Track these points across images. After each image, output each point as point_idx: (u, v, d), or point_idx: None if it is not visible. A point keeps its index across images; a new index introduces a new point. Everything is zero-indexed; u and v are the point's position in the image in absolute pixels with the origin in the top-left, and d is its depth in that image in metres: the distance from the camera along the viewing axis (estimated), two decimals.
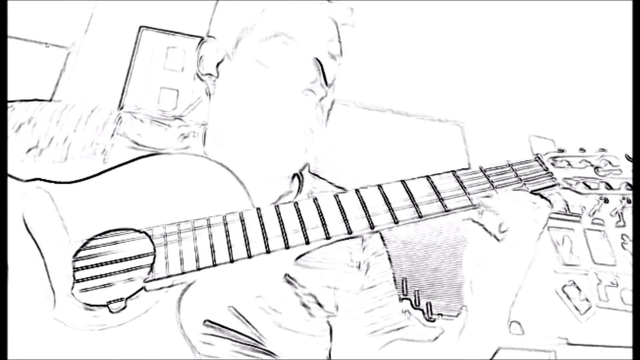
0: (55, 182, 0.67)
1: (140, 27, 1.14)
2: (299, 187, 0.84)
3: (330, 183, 0.90)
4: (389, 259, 0.86)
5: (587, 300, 1.14)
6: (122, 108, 0.85)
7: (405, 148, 1.20)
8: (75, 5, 1.12)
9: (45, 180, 0.67)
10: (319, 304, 0.76)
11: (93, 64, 1.09)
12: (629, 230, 0.77)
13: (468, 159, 1.24)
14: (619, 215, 0.74)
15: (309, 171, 0.89)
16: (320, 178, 0.90)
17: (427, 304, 1.06)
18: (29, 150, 0.72)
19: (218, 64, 0.82)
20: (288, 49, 0.77)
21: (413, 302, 1.05)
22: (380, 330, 0.79)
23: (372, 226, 0.68)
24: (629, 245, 0.75)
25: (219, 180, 0.70)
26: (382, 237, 0.87)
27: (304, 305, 0.75)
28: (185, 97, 1.11)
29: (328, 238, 0.67)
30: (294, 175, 0.85)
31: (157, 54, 1.14)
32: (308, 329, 0.75)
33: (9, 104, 0.77)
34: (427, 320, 1.04)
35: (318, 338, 0.76)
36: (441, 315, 1.06)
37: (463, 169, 0.74)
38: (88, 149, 0.74)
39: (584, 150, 0.78)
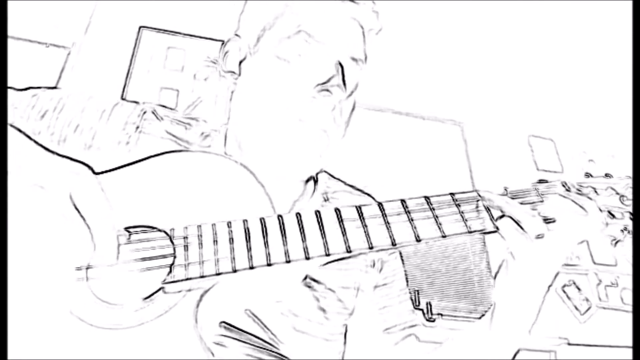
0: (82, 163, 0.66)
1: (140, 27, 1.14)
2: (314, 188, 0.84)
3: (345, 183, 0.90)
4: (401, 257, 0.86)
5: (587, 300, 1.14)
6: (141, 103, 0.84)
7: (405, 148, 1.20)
8: (75, 5, 1.12)
9: (74, 160, 0.66)
10: (339, 300, 0.76)
11: (93, 64, 1.09)
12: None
13: (468, 159, 1.24)
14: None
15: (324, 171, 0.88)
16: (335, 178, 0.89)
17: (427, 304, 1.06)
18: (52, 134, 0.72)
19: (240, 62, 0.82)
20: (309, 47, 0.75)
21: (413, 302, 1.05)
22: (394, 327, 0.79)
23: (394, 243, 0.67)
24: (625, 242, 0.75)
25: (241, 182, 0.69)
26: None
27: (321, 309, 0.75)
28: (185, 97, 1.11)
29: (349, 252, 0.66)
30: (309, 177, 0.85)
31: (157, 54, 1.14)
32: (323, 333, 0.75)
33: (34, 92, 0.76)
34: (427, 320, 1.04)
35: (332, 342, 0.76)
36: (441, 315, 1.06)
37: (487, 191, 0.73)
38: (112, 140, 0.74)
39: (611, 176, 0.76)
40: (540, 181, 0.76)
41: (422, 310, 1.04)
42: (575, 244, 0.68)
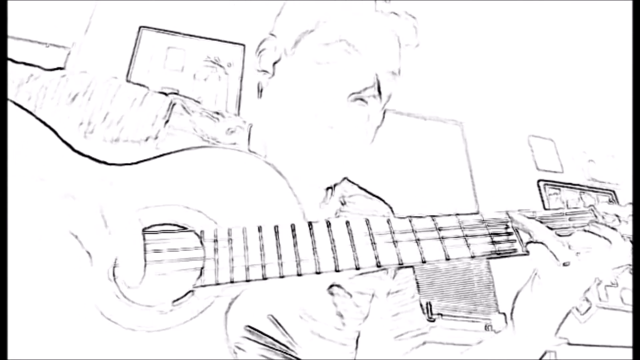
0: (105, 163, 0.66)
1: (140, 27, 1.14)
2: (332, 192, 0.83)
3: (361, 188, 0.90)
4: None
5: (587, 300, 1.14)
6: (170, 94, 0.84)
7: (405, 148, 1.20)
8: (75, 5, 1.12)
9: (95, 160, 0.66)
10: (356, 305, 0.76)
11: (93, 64, 1.09)
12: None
13: (468, 159, 1.25)
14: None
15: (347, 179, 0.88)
16: (353, 183, 0.89)
17: (427, 304, 1.06)
18: (81, 123, 0.72)
19: (275, 63, 0.82)
20: (348, 56, 0.75)
21: (424, 312, 1.05)
22: (406, 334, 0.79)
23: (423, 260, 0.67)
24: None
25: (270, 182, 0.69)
26: None
27: (339, 314, 0.75)
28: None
29: (379, 267, 0.66)
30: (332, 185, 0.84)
31: (157, 54, 1.14)
32: (339, 338, 0.75)
33: (62, 72, 0.76)
34: (427, 320, 1.04)
35: (346, 347, 0.76)
36: (441, 315, 1.06)
37: (517, 213, 0.72)
38: (141, 132, 0.74)
39: (632, 205, 0.76)
40: (572, 210, 0.76)
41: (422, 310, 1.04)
42: (600, 273, 0.68)
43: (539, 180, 1.29)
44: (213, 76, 1.17)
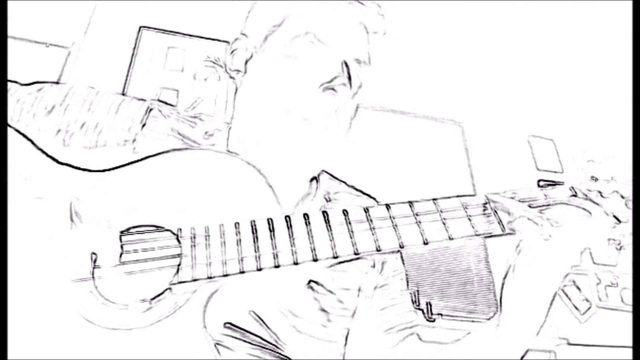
0: (84, 170, 0.66)
1: (140, 27, 1.14)
2: (316, 188, 0.84)
3: (348, 184, 0.90)
4: (402, 258, 0.86)
5: (587, 300, 1.14)
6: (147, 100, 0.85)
7: (405, 148, 1.20)
8: (75, 5, 1.12)
9: (74, 167, 0.66)
10: (340, 301, 0.76)
11: (93, 64, 1.09)
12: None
13: (468, 159, 1.24)
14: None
15: (326, 172, 0.89)
16: (336, 179, 0.90)
17: (427, 304, 1.05)
18: (58, 131, 0.72)
19: (247, 61, 0.82)
20: (315, 48, 0.77)
21: (413, 303, 1.05)
22: (394, 327, 0.79)
23: (401, 245, 0.67)
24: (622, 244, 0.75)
25: (248, 180, 0.69)
26: None
27: (323, 310, 0.75)
28: (185, 97, 1.11)
29: (357, 254, 0.66)
30: (312, 178, 0.85)
31: (157, 54, 1.14)
32: (325, 335, 0.75)
33: (39, 86, 0.77)
34: (427, 320, 1.04)
35: (334, 344, 0.76)
36: (441, 315, 1.06)
37: (496, 193, 0.72)
38: (118, 137, 0.74)
39: (615, 181, 0.76)
40: (548, 184, 0.76)
41: (422, 310, 1.04)
42: (582, 247, 0.68)
43: (538, 180, 1.29)
44: (213, 76, 1.17)
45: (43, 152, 0.65)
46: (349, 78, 0.77)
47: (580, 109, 1.35)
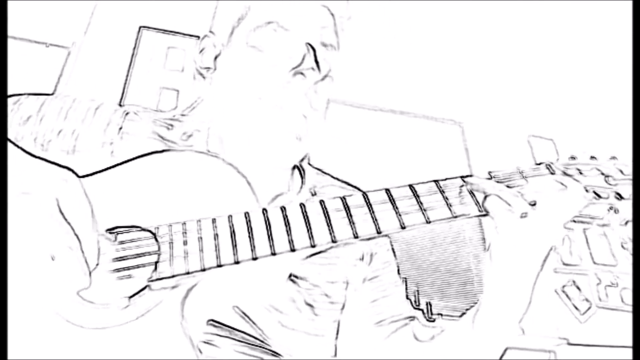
0: (68, 169, 0.66)
1: (140, 27, 1.14)
2: (302, 183, 0.84)
3: (336, 178, 0.90)
4: (393, 250, 0.86)
5: (587, 300, 1.14)
6: (123, 105, 0.86)
7: (405, 148, 1.20)
8: (75, 5, 1.12)
9: (58, 165, 0.66)
10: (325, 295, 0.76)
11: (93, 64, 1.09)
12: (629, 229, 0.76)
13: (468, 158, 1.24)
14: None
15: (312, 166, 0.89)
16: (325, 173, 0.90)
17: (427, 304, 1.06)
18: (36, 139, 0.73)
19: (216, 58, 0.83)
20: (279, 36, 0.78)
21: (413, 302, 1.05)
22: (386, 320, 0.79)
23: (378, 230, 0.67)
24: (629, 245, 0.74)
25: (225, 177, 0.70)
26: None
27: (308, 304, 0.75)
28: (185, 97, 1.11)
29: (334, 242, 0.66)
30: (296, 168, 0.85)
31: (157, 54, 1.14)
32: (312, 329, 0.75)
33: (16, 99, 0.77)
34: (427, 320, 1.04)
35: (322, 338, 0.76)
36: (441, 315, 1.06)
37: (468, 175, 0.73)
38: (95, 140, 0.74)
39: (595, 158, 0.77)
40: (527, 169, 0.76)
41: (421, 310, 1.04)
42: (560, 223, 0.67)
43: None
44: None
45: (26, 151, 0.65)
46: (316, 62, 0.78)
47: (580, 109, 1.35)
